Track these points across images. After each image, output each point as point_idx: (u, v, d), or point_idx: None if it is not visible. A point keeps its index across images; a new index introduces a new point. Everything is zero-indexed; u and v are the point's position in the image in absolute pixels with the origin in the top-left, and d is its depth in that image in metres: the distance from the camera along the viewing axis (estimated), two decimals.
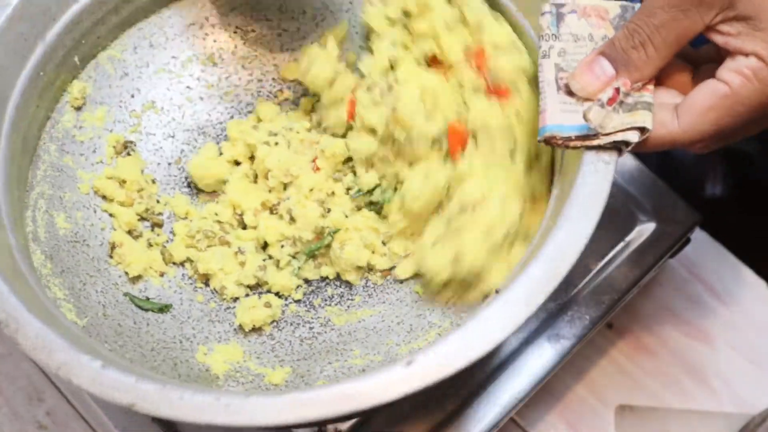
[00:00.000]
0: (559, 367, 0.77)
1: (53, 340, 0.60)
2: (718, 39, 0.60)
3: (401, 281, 0.75)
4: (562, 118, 0.62)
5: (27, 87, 0.71)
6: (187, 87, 0.81)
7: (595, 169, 0.62)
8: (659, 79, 0.63)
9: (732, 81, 0.59)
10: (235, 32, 0.81)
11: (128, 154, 0.77)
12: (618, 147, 0.62)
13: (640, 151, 0.63)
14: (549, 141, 0.63)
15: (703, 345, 0.88)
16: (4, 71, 0.70)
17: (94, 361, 0.59)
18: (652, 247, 0.81)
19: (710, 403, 0.85)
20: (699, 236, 0.89)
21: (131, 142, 0.78)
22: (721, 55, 0.61)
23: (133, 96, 0.79)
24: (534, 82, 0.68)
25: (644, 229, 0.82)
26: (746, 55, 0.59)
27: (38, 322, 0.61)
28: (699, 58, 0.64)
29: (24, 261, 0.67)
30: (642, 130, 0.61)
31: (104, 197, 0.76)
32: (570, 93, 0.63)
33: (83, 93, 0.76)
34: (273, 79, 0.82)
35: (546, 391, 0.84)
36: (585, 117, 0.61)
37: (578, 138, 0.62)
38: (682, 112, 0.61)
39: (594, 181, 0.61)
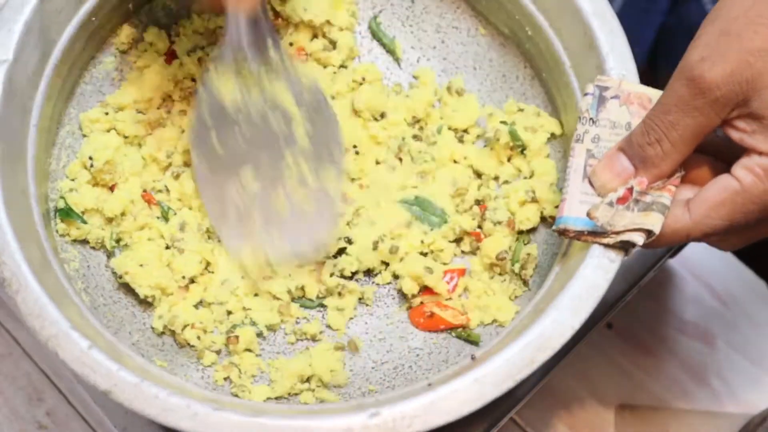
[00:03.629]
0: (559, 367, 0.77)
1: (50, 312, 0.61)
2: (733, 134, 0.59)
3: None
4: (578, 210, 0.62)
5: (77, 31, 0.71)
6: None
7: (599, 264, 0.61)
8: (684, 175, 0.62)
9: (744, 178, 0.58)
10: None
11: None
12: (625, 247, 0.62)
13: (652, 247, 0.62)
14: (562, 233, 0.62)
15: (703, 345, 0.88)
16: (57, 15, 0.69)
17: (83, 340, 0.60)
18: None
19: (710, 403, 0.85)
20: None
21: None
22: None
23: None
24: None
25: None
26: (759, 153, 0.58)
27: (41, 289, 0.61)
28: (732, 152, 0.62)
29: (41, 223, 0.67)
30: (649, 233, 0.60)
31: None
32: (591, 184, 0.62)
33: (131, 38, 0.76)
34: None
35: (546, 391, 0.83)
36: (589, 214, 0.60)
37: (590, 234, 0.61)
38: (694, 206, 0.60)
39: (594, 277, 0.61)
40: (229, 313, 0.73)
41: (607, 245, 0.61)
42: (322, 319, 0.74)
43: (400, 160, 0.77)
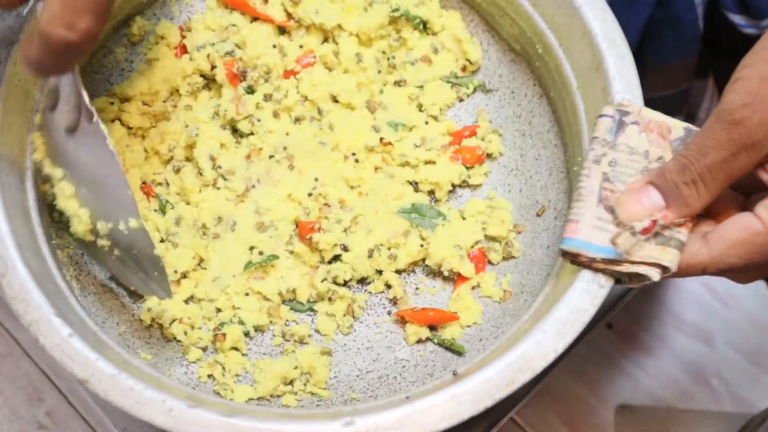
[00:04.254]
0: (559, 367, 0.77)
1: (35, 297, 0.61)
2: (764, 176, 0.59)
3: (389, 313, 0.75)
4: (591, 235, 0.60)
5: None
6: None
7: (587, 289, 0.60)
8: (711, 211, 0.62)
9: (766, 218, 0.58)
10: None
11: None
12: (640, 280, 0.61)
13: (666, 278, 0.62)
14: (574, 257, 0.61)
15: (703, 345, 0.88)
16: None
17: (65, 327, 0.60)
18: None
19: (710, 403, 0.85)
20: None
21: None
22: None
23: None
24: None
25: None
26: None
27: (27, 273, 0.61)
28: (749, 184, 0.62)
29: (35, 207, 0.67)
30: (664, 269, 0.59)
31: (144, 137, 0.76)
32: (608, 209, 0.61)
33: (143, 30, 0.76)
34: None
35: (546, 391, 0.83)
36: (613, 241, 0.59)
37: (604, 261, 0.60)
38: (713, 242, 0.60)
39: (581, 302, 0.60)
40: (219, 310, 0.73)
41: (619, 274, 0.60)
42: (311, 324, 0.74)
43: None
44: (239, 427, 0.58)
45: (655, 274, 0.59)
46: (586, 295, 0.61)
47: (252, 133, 0.78)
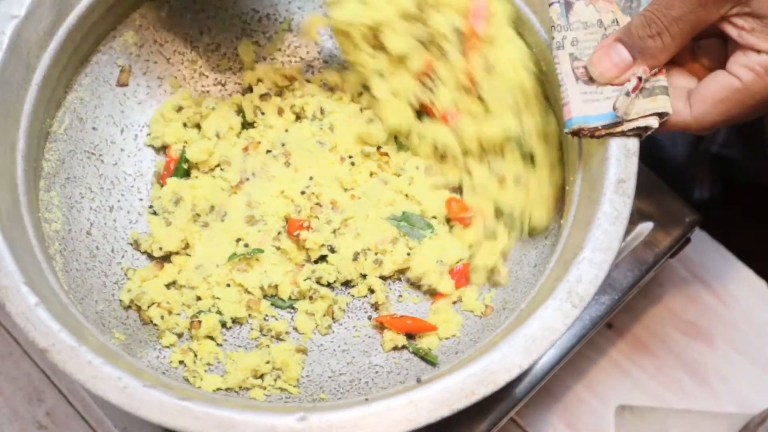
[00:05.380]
0: (559, 367, 0.77)
1: (7, 264, 0.62)
2: (731, 31, 0.61)
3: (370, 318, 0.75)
4: (585, 108, 0.64)
5: (96, 1, 0.72)
6: None
7: (560, 307, 0.60)
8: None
9: (744, 76, 0.61)
10: None
11: None
12: (639, 133, 0.64)
13: (660, 131, 0.64)
14: (576, 133, 0.64)
15: (703, 345, 0.87)
16: None
17: (32, 296, 0.61)
18: (652, 247, 0.81)
19: (710, 403, 0.85)
20: (699, 236, 0.89)
21: None
22: (716, 31, 0.62)
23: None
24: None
25: (644, 229, 0.81)
26: (758, 51, 0.61)
27: (3, 240, 0.62)
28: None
29: (23, 178, 0.67)
30: (661, 114, 0.63)
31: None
32: (589, 81, 0.64)
33: (150, 17, 0.78)
34: None
35: (546, 391, 0.83)
36: (614, 107, 0.62)
37: (604, 127, 0.63)
38: (695, 102, 0.63)
39: (552, 320, 0.60)
40: (198, 298, 0.73)
41: (621, 134, 0.63)
42: (290, 321, 0.74)
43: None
44: (192, 411, 0.58)
45: (654, 122, 0.63)
46: (558, 313, 0.60)
47: (253, 125, 0.78)
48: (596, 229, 0.62)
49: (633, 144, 0.64)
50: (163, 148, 0.78)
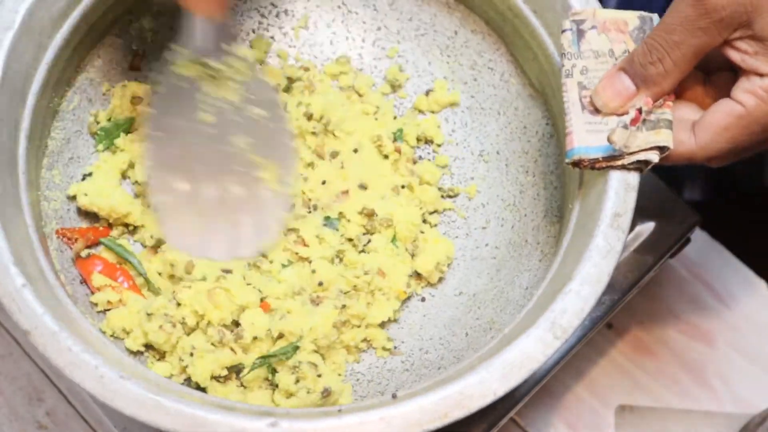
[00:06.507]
0: (559, 367, 0.77)
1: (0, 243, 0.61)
2: (734, 56, 0.60)
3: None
4: (588, 139, 0.63)
5: None
6: None
7: (541, 337, 0.60)
8: (676, 91, 0.64)
9: (747, 102, 0.60)
10: None
11: None
12: (639, 167, 0.63)
13: (661, 164, 0.63)
14: (577, 164, 0.63)
15: (703, 345, 0.87)
16: None
17: (19, 277, 0.60)
18: (652, 247, 0.80)
19: (710, 403, 0.85)
20: (699, 236, 0.89)
21: None
22: (727, 63, 0.61)
23: None
24: None
25: (644, 229, 0.81)
26: (761, 75, 0.60)
27: None
28: (709, 63, 0.64)
29: (24, 156, 0.67)
30: (662, 149, 0.62)
31: None
32: (594, 111, 0.63)
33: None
34: None
35: (546, 391, 0.83)
36: (609, 139, 0.61)
37: (604, 159, 0.62)
38: (699, 131, 0.61)
39: (533, 349, 0.59)
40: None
41: (622, 167, 0.63)
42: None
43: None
44: (164, 406, 0.58)
45: (653, 156, 0.62)
46: (539, 343, 0.60)
47: None
48: (587, 262, 0.62)
49: (633, 178, 0.63)
50: None
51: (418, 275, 0.75)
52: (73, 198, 0.73)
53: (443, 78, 0.80)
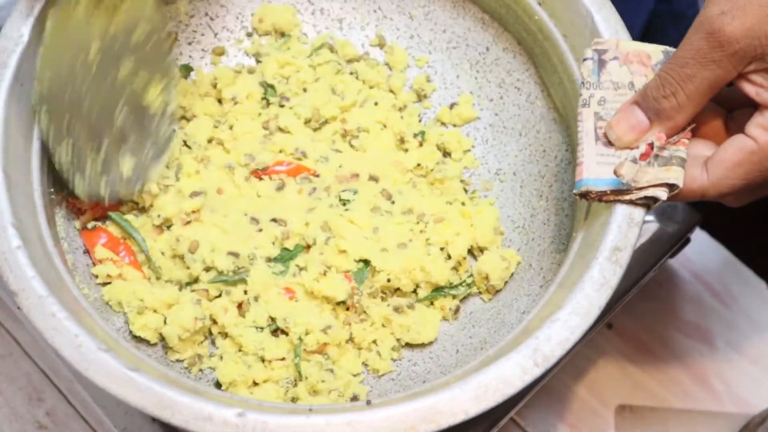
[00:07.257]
0: (559, 367, 0.77)
1: (0, 202, 0.62)
2: (749, 89, 0.59)
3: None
4: (597, 171, 0.62)
5: None
6: None
7: (520, 363, 0.59)
8: (694, 128, 0.62)
9: (759, 137, 0.59)
10: None
11: None
12: (647, 203, 0.62)
13: (672, 201, 0.62)
14: (584, 195, 0.62)
15: (703, 345, 0.87)
16: None
17: (16, 239, 0.61)
18: (652, 247, 0.80)
19: (710, 403, 0.85)
20: (699, 236, 0.89)
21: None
22: (750, 100, 0.60)
23: None
24: None
25: (644, 229, 0.81)
26: None
27: (3, 179, 0.63)
28: (731, 99, 0.63)
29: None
30: (672, 186, 0.60)
31: None
32: (608, 144, 0.62)
33: None
34: None
35: (546, 391, 0.83)
36: (616, 172, 0.60)
37: (612, 192, 0.61)
38: (712, 167, 0.60)
39: (510, 375, 0.58)
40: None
41: (629, 202, 0.61)
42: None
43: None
44: (137, 382, 0.58)
45: (662, 194, 0.60)
46: (518, 369, 0.59)
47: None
48: (579, 292, 0.61)
49: (638, 214, 0.62)
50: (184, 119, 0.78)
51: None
52: None
53: (469, 93, 0.80)
